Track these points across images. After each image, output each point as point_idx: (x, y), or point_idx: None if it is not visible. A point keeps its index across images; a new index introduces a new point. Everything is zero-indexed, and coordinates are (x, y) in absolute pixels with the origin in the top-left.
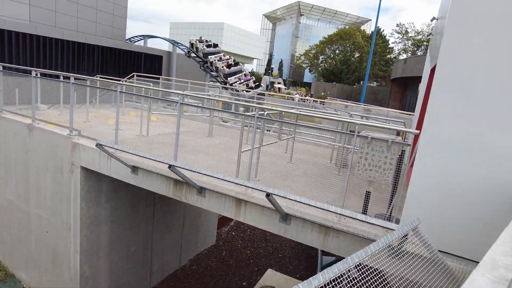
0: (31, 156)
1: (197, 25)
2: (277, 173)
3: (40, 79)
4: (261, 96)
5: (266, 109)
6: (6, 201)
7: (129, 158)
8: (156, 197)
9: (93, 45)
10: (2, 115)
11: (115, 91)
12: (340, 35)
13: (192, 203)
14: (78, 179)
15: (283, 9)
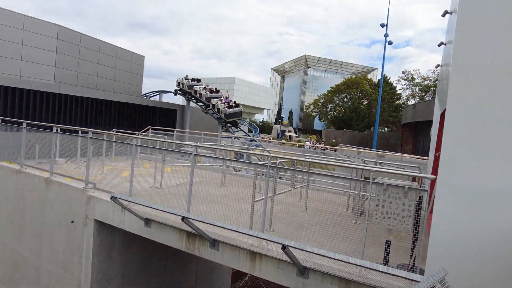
0: (46, 209)
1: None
2: (292, 224)
3: (60, 134)
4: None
5: (279, 157)
6: (19, 256)
7: (143, 211)
8: (168, 251)
9: (110, 101)
10: (22, 169)
11: (131, 145)
12: (348, 84)
13: (205, 256)
14: (91, 233)
15: (290, 62)
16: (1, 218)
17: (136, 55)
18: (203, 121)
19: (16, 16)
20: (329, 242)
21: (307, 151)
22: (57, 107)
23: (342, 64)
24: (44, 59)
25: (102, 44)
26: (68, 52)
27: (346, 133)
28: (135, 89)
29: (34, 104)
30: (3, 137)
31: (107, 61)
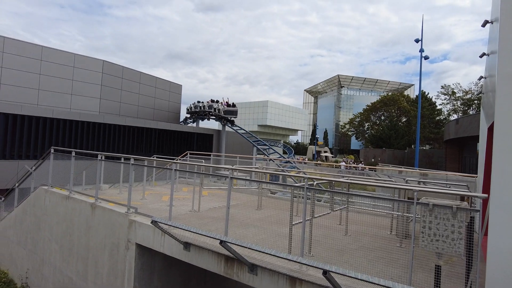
0: (92, 233)
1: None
2: (332, 248)
3: (104, 161)
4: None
5: (316, 178)
6: (67, 279)
7: (182, 234)
8: (207, 275)
9: (151, 129)
10: (71, 195)
11: (171, 169)
12: (384, 101)
13: (244, 281)
14: (133, 256)
15: (323, 83)
16: (52, 241)
17: (174, 84)
18: (238, 144)
19: (67, 55)
20: (372, 266)
21: (343, 171)
22: (101, 136)
23: (377, 82)
24: (91, 92)
25: (142, 76)
26: (112, 84)
27: (386, 152)
28: (174, 116)
29: (82, 134)
30: (56, 165)
31: (147, 91)
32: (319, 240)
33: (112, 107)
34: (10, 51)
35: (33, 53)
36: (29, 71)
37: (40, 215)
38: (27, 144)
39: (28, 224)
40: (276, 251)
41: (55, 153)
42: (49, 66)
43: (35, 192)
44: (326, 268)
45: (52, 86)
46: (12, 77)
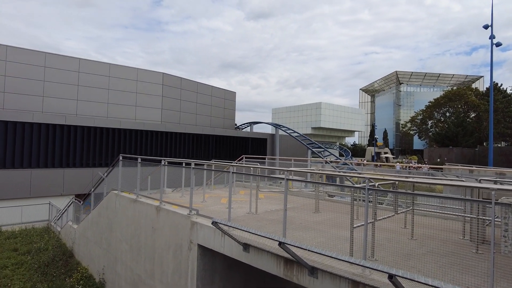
0: (157, 234)
1: (296, 108)
2: (397, 252)
3: (167, 166)
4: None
5: (377, 179)
6: (137, 276)
7: (241, 236)
8: (267, 277)
9: (208, 135)
10: (138, 199)
11: (228, 172)
12: (448, 96)
13: (304, 284)
14: (195, 257)
15: (380, 81)
16: (123, 241)
17: (229, 92)
18: (292, 148)
19: (131, 70)
20: (444, 273)
21: (398, 172)
22: (163, 143)
23: (439, 76)
24: (153, 103)
25: (199, 85)
26: (171, 95)
27: (453, 151)
28: (229, 122)
29: (146, 142)
30: (124, 171)
31: (204, 99)
32: (382, 244)
33: (172, 116)
34: (84, 71)
35: (102, 70)
36: (99, 87)
37: (112, 217)
38: (100, 153)
39: (102, 225)
40: (337, 253)
41: (123, 160)
42: (115, 81)
43: (107, 197)
44: (392, 272)
45: (119, 99)
46: (86, 94)
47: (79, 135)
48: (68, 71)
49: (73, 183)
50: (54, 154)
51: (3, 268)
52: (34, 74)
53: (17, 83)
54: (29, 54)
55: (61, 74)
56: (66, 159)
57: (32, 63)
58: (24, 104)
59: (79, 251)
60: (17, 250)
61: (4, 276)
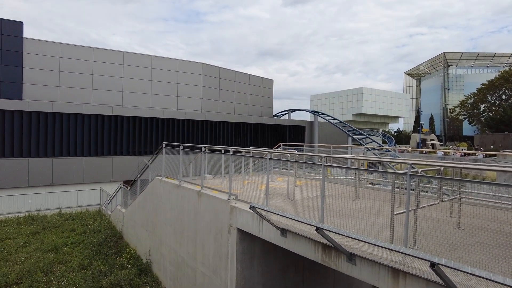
0: (199, 218)
1: (336, 94)
2: (442, 242)
3: (207, 153)
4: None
5: (420, 164)
6: (180, 258)
7: (279, 221)
8: (305, 263)
9: (246, 123)
10: (181, 184)
11: (266, 159)
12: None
13: (342, 270)
14: (235, 240)
15: (426, 63)
16: (167, 225)
17: (266, 80)
18: (331, 135)
19: (171, 61)
20: (495, 266)
21: (440, 158)
22: (204, 132)
23: (494, 56)
24: (193, 93)
25: (237, 74)
26: (210, 84)
27: (509, 137)
28: (267, 110)
29: (187, 131)
30: (167, 159)
31: (242, 88)
32: (425, 233)
33: (212, 106)
34: (128, 63)
35: (145, 62)
36: (143, 78)
37: (157, 202)
38: (144, 142)
39: (148, 209)
40: (376, 240)
41: (166, 148)
42: (158, 72)
43: (152, 182)
44: (435, 261)
45: (161, 90)
46: (130, 85)
47: (125, 125)
48: (113, 64)
49: (120, 170)
50: (103, 143)
51: (64, 245)
52: (84, 68)
53: (69, 77)
54: (79, 49)
55: (107, 67)
56: (114, 147)
57: (81, 58)
58: (75, 96)
59: (127, 233)
60: (74, 230)
61: (65, 253)
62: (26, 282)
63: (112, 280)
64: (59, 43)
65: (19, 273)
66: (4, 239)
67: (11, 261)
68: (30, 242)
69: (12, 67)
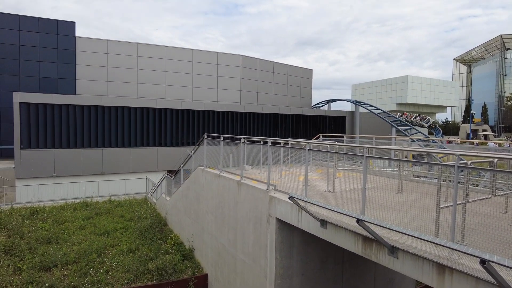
0: (238, 207)
1: (379, 83)
2: (493, 238)
3: (246, 144)
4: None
5: (469, 155)
6: (221, 245)
7: (318, 212)
8: (344, 255)
9: (285, 114)
10: (221, 174)
11: (304, 150)
12: None
13: (383, 263)
14: (273, 230)
15: (479, 48)
16: (209, 213)
17: (305, 70)
18: (374, 126)
19: (211, 54)
20: None
21: (492, 150)
22: (243, 123)
23: None
24: (232, 85)
25: (275, 65)
26: (249, 76)
27: None
28: (306, 101)
29: (227, 123)
30: (209, 150)
31: (280, 79)
32: (475, 229)
33: (250, 97)
34: (170, 57)
35: (186, 56)
36: (184, 72)
37: (199, 190)
38: (187, 133)
39: (191, 198)
40: (420, 233)
41: (207, 139)
42: (198, 66)
43: (194, 172)
44: (485, 258)
45: (202, 82)
46: (173, 79)
47: (168, 117)
48: (156, 59)
49: (165, 160)
50: (148, 134)
51: (114, 230)
52: (129, 63)
53: (116, 72)
54: (125, 45)
55: (150, 61)
56: (159, 138)
57: (127, 53)
58: (122, 90)
59: (171, 220)
60: (123, 216)
61: (115, 237)
62: (83, 261)
63: (157, 264)
64: (107, 40)
65: (77, 253)
66: (64, 222)
67: (70, 242)
68: (85, 226)
69: (66, 64)
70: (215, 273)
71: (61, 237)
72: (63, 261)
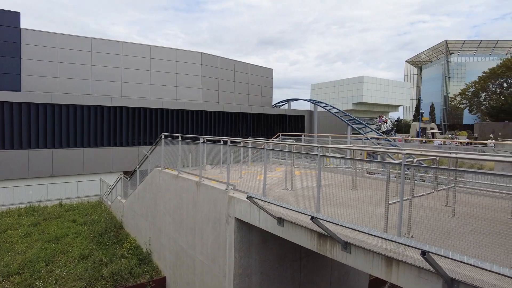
0: (197, 208)
1: (336, 83)
2: (436, 230)
3: (206, 144)
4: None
5: (415, 154)
6: (179, 247)
7: (275, 210)
8: (302, 252)
9: (246, 113)
10: (179, 175)
11: (263, 149)
12: (507, 65)
13: (337, 258)
14: (232, 230)
15: (428, 51)
16: (166, 214)
17: (266, 69)
18: (331, 125)
19: (170, 51)
20: (486, 253)
21: (436, 147)
22: (203, 122)
23: (497, 43)
24: (192, 83)
25: (236, 63)
26: (210, 74)
27: (509, 125)
28: (266, 100)
29: (187, 121)
30: (167, 150)
31: (241, 78)
32: (420, 222)
33: (211, 95)
34: (127, 53)
35: (144, 52)
36: (142, 68)
37: (156, 192)
38: (144, 132)
39: (147, 199)
40: (369, 229)
41: (165, 139)
42: (156, 62)
43: (151, 173)
44: (425, 249)
45: (160, 80)
46: (129, 76)
47: (124, 115)
48: (112, 55)
49: (120, 161)
50: (103, 134)
51: (65, 236)
52: (82, 59)
53: (68, 68)
54: (77, 40)
55: (106, 57)
56: (114, 138)
57: (80, 48)
58: (74, 88)
59: (127, 223)
60: (75, 221)
61: (66, 243)
62: (28, 272)
63: (112, 269)
64: (57, 33)
65: (21, 263)
66: (6, 230)
67: (13, 252)
68: (32, 233)
69: (10, 58)
70: (173, 276)
71: (2, 246)
72: (4, 272)
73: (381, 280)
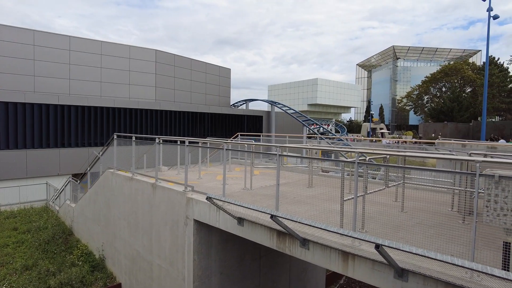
0: (154, 211)
1: (292, 84)
2: (387, 224)
3: (162, 144)
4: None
5: (367, 153)
6: (135, 252)
7: (235, 210)
8: (262, 250)
9: (203, 113)
10: (134, 177)
11: (222, 149)
12: (445, 71)
13: (296, 255)
14: (191, 232)
15: (377, 56)
16: (121, 218)
17: (223, 69)
18: (288, 125)
19: (123, 48)
20: (431, 243)
21: (385, 146)
22: (158, 122)
23: (436, 51)
24: (146, 81)
25: (193, 62)
26: (165, 72)
27: (448, 126)
28: (224, 100)
29: (141, 121)
30: (119, 150)
31: (198, 77)
32: (373, 217)
33: (167, 94)
34: (75, 49)
35: (94, 48)
36: (91, 65)
37: (109, 195)
38: (95, 132)
39: (100, 203)
40: (327, 225)
41: (118, 139)
42: (108, 59)
43: (103, 175)
44: (378, 242)
45: (112, 77)
46: (78, 72)
47: (73, 114)
48: (58, 50)
49: (69, 162)
50: (48, 134)
51: (4, 246)
52: (24, 53)
53: (7, 62)
54: (18, 32)
55: (51, 52)
56: (61, 139)
57: (21, 41)
58: (15, 84)
59: (78, 229)
60: (17, 229)
61: (6, 254)
62: None
63: (61, 279)
64: None
65: None
66: None
67: None
68: None
69: None
70: (129, 281)
71: None
72: None
73: (338, 274)
